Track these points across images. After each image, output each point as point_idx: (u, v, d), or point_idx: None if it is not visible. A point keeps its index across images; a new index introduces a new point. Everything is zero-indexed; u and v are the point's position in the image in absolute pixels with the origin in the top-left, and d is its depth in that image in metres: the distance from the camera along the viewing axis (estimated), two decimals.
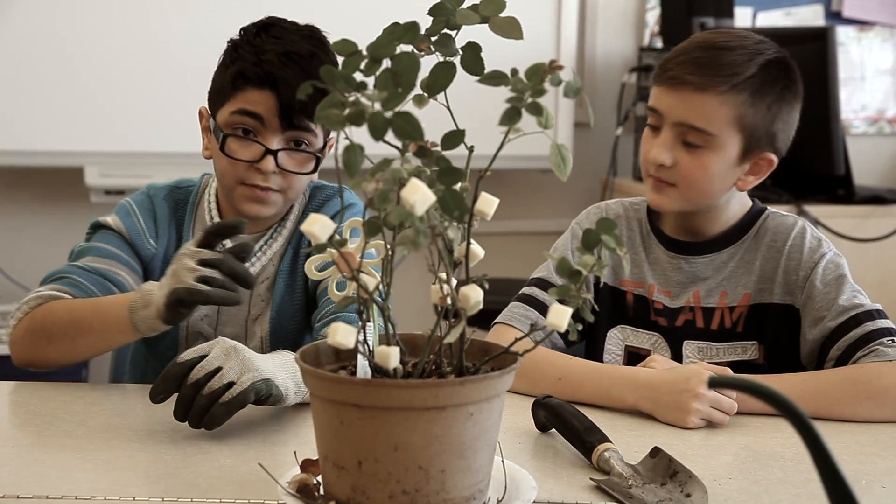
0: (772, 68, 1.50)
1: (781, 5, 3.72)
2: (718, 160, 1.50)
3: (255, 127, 1.53)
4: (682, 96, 1.49)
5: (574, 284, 0.94)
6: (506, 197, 1.01)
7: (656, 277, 1.60)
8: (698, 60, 1.49)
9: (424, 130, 0.89)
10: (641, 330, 1.60)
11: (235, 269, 1.33)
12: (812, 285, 1.51)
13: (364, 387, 0.92)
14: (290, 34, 1.55)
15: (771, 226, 1.58)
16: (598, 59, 3.68)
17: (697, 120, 1.48)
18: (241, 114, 1.53)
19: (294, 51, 1.52)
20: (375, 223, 0.92)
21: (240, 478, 1.13)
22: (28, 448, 1.23)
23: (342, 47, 0.93)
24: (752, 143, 1.51)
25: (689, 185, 1.51)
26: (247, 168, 1.53)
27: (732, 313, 1.56)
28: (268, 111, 1.51)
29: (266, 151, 1.52)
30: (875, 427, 1.38)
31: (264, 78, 1.51)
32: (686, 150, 1.50)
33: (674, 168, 1.51)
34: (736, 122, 1.49)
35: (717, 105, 1.48)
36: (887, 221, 3.03)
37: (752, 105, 1.49)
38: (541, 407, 1.30)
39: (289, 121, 1.52)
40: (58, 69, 3.13)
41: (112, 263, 1.57)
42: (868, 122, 3.79)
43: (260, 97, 1.51)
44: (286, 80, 1.49)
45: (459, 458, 0.93)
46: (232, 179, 1.55)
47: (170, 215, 1.65)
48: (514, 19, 0.95)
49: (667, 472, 1.13)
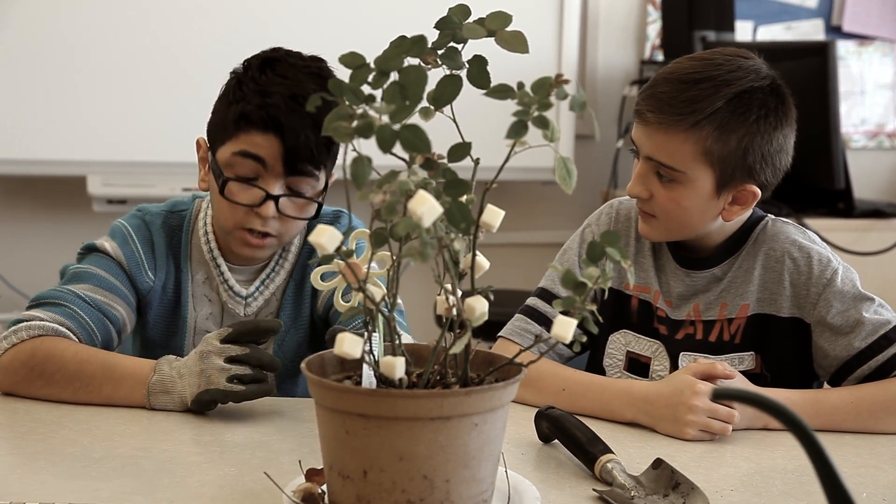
0: (743, 99, 1.45)
1: (782, 19, 3.74)
2: (690, 194, 1.48)
3: (257, 170, 1.49)
4: (647, 131, 1.49)
5: (579, 296, 0.95)
6: (507, 208, 1.02)
7: (661, 285, 1.60)
8: (661, 97, 1.47)
9: (431, 143, 0.90)
10: (643, 336, 1.59)
11: (263, 360, 1.37)
12: (828, 303, 1.49)
13: (369, 397, 0.93)
14: (297, 72, 1.50)
15: (770, 233, 1.57)
16: (600, 72, 3.70)
17: (662, 156, 1.48)
18: (243, 156, 1.49)
19: (301, 94, 1.46)
20: (382, 234, 0.93)
21: (244, 487, 1.13)
22: (33, 456, 1.23)
23: (350, 60, 0.94)
24: (726, 177, 1.47)
25: (666, 217, 1.52)
26: (246, 212, 1.50)
27: (731, 325, 1.56)
28: (271, 156, 1.48)
29: (267, 196, 1.49)
30: (875, 440, 1.39)
31: (269, 122, 1.46)
32: (661, 183, 1.50)
33: (652, 200, 1.51)
34: (703, 157, 1.46)
35: (680, 142, 1.46)
36: (887, 235, 3.04)
37: (719, 139, 1.45)
38: (544, 418, 1.30)
39: (292, 166, 1.48)
40: (61, 78, 3.14)
41: (111, 297, 1.53)
42: (868, 136, 3.80)
43: (263, 141, 1.47)
44: (292, 126, 1.45)
45: (464, 468, 0.93)
46: (230, 222, 1.53)
47: (167, 245, 1.62)
48: (520, 33, 0.96)
49: (669, 484, 1.13)
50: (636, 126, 1.52)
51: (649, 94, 1.49)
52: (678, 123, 1.45)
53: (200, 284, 1.63)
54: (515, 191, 3.60)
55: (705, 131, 1.44)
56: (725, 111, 1.44)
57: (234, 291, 1.62)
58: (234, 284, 1.62)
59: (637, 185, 1.51)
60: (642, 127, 1.50)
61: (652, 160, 1.49)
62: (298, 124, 1.45)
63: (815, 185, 3.05)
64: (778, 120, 1.48)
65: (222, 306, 1.63)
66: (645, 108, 1.49)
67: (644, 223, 1.55)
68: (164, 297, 1.62)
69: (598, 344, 1.63)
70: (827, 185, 2.99)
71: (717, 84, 1.45)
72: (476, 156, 0.94)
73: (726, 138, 1.45)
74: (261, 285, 1.63)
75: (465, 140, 0.93)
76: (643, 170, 1.51)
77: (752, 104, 1.45)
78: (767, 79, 1.48)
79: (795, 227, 1.58)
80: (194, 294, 1.63)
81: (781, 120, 1.48)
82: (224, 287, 1.62)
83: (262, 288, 1.63)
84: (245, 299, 1.62)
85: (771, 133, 1.47)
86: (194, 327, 1.63)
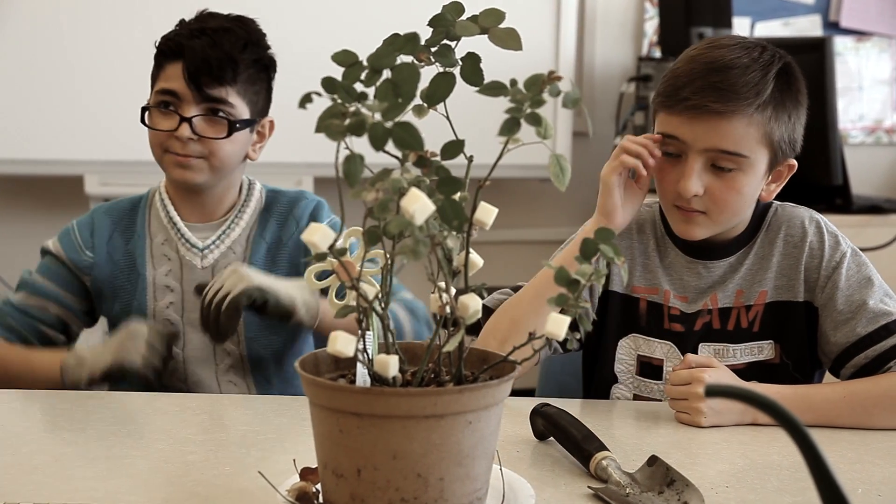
0: (783, 76, 1.48)
1: (779, 15, 3.73)
2: (751, 180, 1.48)
3: (174, 102, 1.67)
4: (708, 124, 1.45)
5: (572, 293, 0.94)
6: (504, 206, 1.02)
7: (672, 283, 1.58)
8: (717, 85, 1.44)
9: (424, 140, 0.90)
10: (654, 339, 1.58)
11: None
12: (835, 286, 1.50)
13: (363, 395, 0.93)
14: (215, 18, 1.70)
15: (784, 219, 1.57)
16: (597, 69, 3.70)
17: (728, 145, 1.45)
18: (162, 92, 1.68)
19: (207, 27, 1.67)
20: (375, 232, 0.93)
21: (239, 486, 1.13)
22: (28, 456, 1.23)
23: (342, 58, 0.93)
24: (779, 155, 1.50)
25: (720, 210, 1.48)
26: (167, 137, 1.67)
27: (749, 312, 1.55)
28: (181, 84, 1.65)
29: (181, 120, 1.65)
30: (871, 436, 1.39)
31: (175, 50, 1.66)
32: (715, 176, 1.47)
33: (704, 195, 1.48)
34: (764, 139, 1.46)
35: (745, 127, 1.45)
36: (885, 231, 3.04)
37: (777, 119, 1.47)
38: (539, 415, 1.30)
39: (198, 86, 1.65)
40: (58, 78, 3.13)
41: (42, 301, 1.74)
42: (865, 132, 3.80)
43: (173, 71, 1.66)
44: (193, 48, 1.64)
45: (458, 466, 0.93)
46: (157, 148, 1.70)
47: (112, 222, 1.79)
48: (513, 30, 0.96)
49: (664, 481, 1.13)
50: (683, 122, 1.46)
51: (702, 86, 1.44)
52: (745, 108, 1.44)
53: (160, 246, 1.77)
54: (513, 188, 3.60)
55: (767, 113, 1.46)
56: (776, 90, 1.47)
57: (190, 244, 1.75)
58: (192, 237, 1.76)
59: (695, 183, 1.46)
60: (699, 121, 1.45)
61: (711, 152, 1.46)
62: (199, 46, 1.64)
63: (812, 181, 3.04)
64: (804, 91, 1.53)
65: (181, 261, 1.76)
66: (704, 100, 1.44)
67: (688, 224, 1.51)
68: (115, 265, 1.77)
69: (607, 351, 1.61)
70: (825, 180, 2.99)
71: (763, 65, 1.47)
72: (470, 153, 0.93)
73: (782, 117, 1.48)
74: (217, 239, 1.76)
75: (458, 137, 0.93)
76: (696, 165, 1.46)
77: (790, 80, 1.50)
78: (784, 56, 1.52)
79: (806, 209, 1.59)
80: (154, 255, 1.76)
81: (805, 91, 1.53)
82: (182, 242, 1.76)
83: (219, 242, 1.76)
84: (202, 251, 1.76)
85: (805, 104, 1.53)
86: (154, 283, 1.75)
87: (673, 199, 1.51)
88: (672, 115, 1.48)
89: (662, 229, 1.61)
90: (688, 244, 1.57)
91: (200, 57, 1.64)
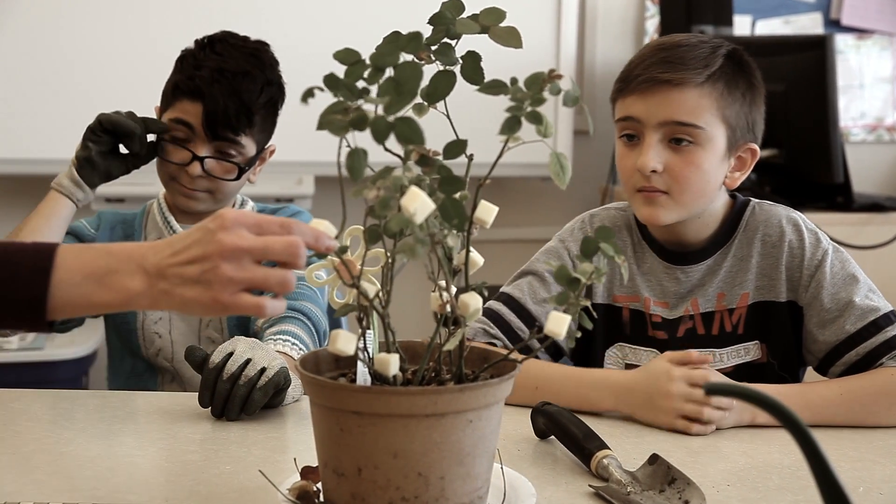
0: (733, 57, 1.51)
1: (780, 13, 3.73)
2: (708, 155, 1.48)
3: (187, 134, 1.71)
4: (660, 96, 1.47)
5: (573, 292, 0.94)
6: (505, 204, 1.02)
7: (651, 290, 1.57)
8: (667, 59, 1.48)
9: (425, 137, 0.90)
10: (640, 347, 1.58)
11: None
12: (819, 284, 1.49)
13: (364, 394, 0.92)
14: (232, 50, 1.73)
15: (761, 218, 1.56)
16: (598, 67, 3.69)
17: (682, 115, 1.46)
18: (176, 122, 1.72)
19: (227, 68, 1.69)
20: (375, 231, 0.93)
21: (240, 485, 1.13)
22: (29, 455, 1.23)
23: (345, 56, 0.93)
24: (737, 135, 1.50)
25: (682, 188, 1.48)
26: (177, 169, 1.73)
27: (732, 315, 1.54)
28: (197, 122, 1.70)
29: (193, 157, 1.70)
30: (872, 434, 1.39)
31: (195, 91, 1.69)
32: (673, 152, 1.48)
33: (664, 173, 1.48)
34: (718, 114, 1.48)
35: (697, 97, 1.47)
36: (886, 229, 3.04)
37: (729, 95, 1.48)
38: (540, 414, 1.30)
39: (214, 132, 1.69)
40: (58, 77, 3.13)
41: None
42: (867, 130, 3.80)
43: (191, 108, 1.70)
44: (213, 95, 1.68)
45: (459, 465, 0.93)
46: (165, 176, 1.76)
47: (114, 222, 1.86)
48: (513, 29, 0.95)
49: (665, 479, 1.13)
50: (636, 100, 1.49)
51: (652, 62, 1.48)
52: (695, 77, 1.47)
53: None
54: (514, 187, 3.59)
55: (718, 87, 1.48)
56: (727, 67, 1.49)
57: None
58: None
59: (653, 158, 1.47)
60: (651, 95, 1.47)
61: (667, 124, 1.47)
62: (219, 93, 1.68)
63: (813, 179, 3.05)
64: (760, 83, 1.54)
65: None
66: (655, 72, 1.47)
67: (650, 206, 1.50)
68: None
69: (596, 361, 1.60)
70: (826, 178, 2.99)
71: (712, 46, 1.51)
72: (470, 152, 0.93)
73: (735, 93, 1.49)
74: None
75: (458, 136, 0.92)
76: (653, 140, 1.47)
77: (741, 63, 1.52)
78: (737, 46, 1.54)
79: (784, 207, 1.58)
80: None
81: (761, 84, 1.55)
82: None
83: None
84: None
85: (761, 92, 1.54)
86: None
87: (634, 182, 1.51)
88: (626, 96, 1.51)
89: (639, 235, 1.60)
90: (664, 249, 1.57)
91: (219, 106, 1.68)
